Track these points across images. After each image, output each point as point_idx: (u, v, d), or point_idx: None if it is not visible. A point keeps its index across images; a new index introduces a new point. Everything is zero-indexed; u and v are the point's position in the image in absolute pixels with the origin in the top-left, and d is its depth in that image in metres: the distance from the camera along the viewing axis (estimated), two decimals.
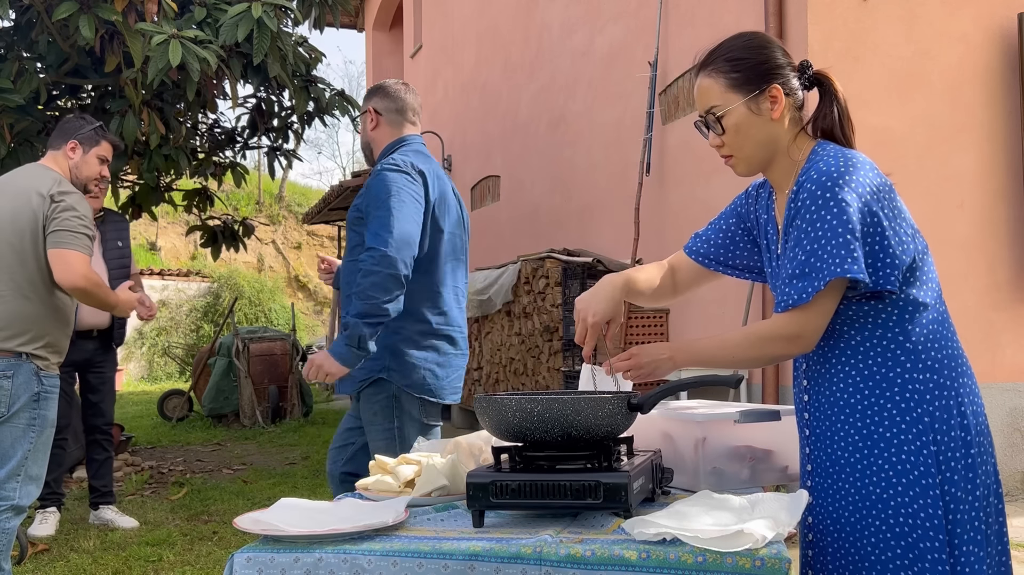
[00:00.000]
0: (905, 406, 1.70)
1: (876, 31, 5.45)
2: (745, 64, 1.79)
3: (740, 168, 1.85)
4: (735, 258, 2.02)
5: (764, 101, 1.77)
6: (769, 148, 1.81)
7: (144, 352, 18.89)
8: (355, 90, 34.81)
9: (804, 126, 1.83)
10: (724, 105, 1.79)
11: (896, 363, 1.71)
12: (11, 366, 3.31)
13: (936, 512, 1.65)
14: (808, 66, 1.83)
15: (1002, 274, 5.59)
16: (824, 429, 1.79)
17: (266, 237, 24.96)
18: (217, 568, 4.32)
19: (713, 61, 1.82)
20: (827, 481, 1.77)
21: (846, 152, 1.73)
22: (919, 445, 1.68)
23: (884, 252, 1.68)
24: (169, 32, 4.97)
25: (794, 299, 1.68)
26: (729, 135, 1.81)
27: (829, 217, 1.65)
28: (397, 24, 16.36)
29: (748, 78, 1.78)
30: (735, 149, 1.82)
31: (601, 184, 8.01)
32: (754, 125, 1.78)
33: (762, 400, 5.68)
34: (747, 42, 1.82)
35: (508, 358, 8.03)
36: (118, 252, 5.00)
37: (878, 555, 1.69)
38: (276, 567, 1.55)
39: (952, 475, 1.68)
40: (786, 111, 1.79)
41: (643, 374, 1.83)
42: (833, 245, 1.64)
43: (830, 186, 1.66)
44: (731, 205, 2.03)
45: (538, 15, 9.47)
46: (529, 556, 1.49)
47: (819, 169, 1.70)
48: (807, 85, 1.83)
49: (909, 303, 1.72)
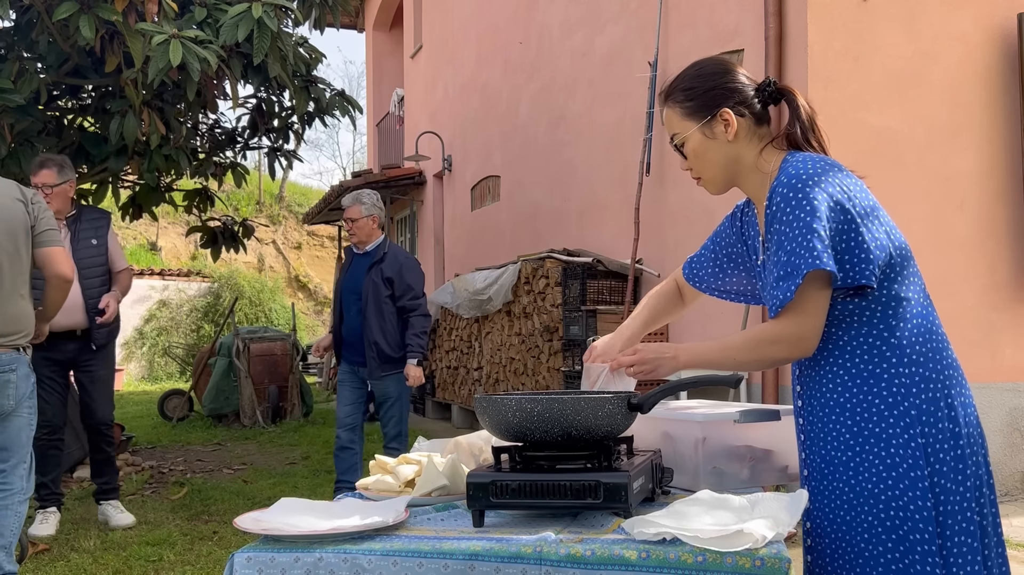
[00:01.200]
0: (892, 400, 1.72)
1: (876, 31, 5.45)
2: (695, 92, 1.87)
3: (709, 188, 1.94)
4: (725, 284, 2.11)
5: (717, 125, 1.85)
6: (731, 168, 1.89)
7: (144, 352, 18.90)
8: (355, 90, 34.83)
9: (772, 140, 1.88)
10: (682, 133, 1.89)
11: (882, 359, 1.74)
12: (14, 360, 3.49)
13: (926, 504, 1.67)
14: (769, 83, 1.89)
15: (1002, 274, 5.59)
16: (817, 430, 1.81)
17: (266, 237, 24.97)
18: (217, 568, 4.32)
19: (672, 92, 1.92)
20: (822, 482, 1.79)
21: (815, 157, 1.79)
22: (907, 438, 1.70)
23: (859, 247, 1.71)
24: (169, 32, 4.97)
25: (780, 299, 1.71)
26: (691, 160, 1.91)
27: (801, 214, 1.70)
28: (397, 24, 16.36)
29: (700, 105, 1.86)
30: (699, 172, 1.92)
31: (601, 184, 8.01)
32: (711, 148, 1.87)
33: (762, 400, 5.68)
34: (699, 71, 1.90)
35: (508, 358, 8.03)
36: (92, 251, 4.95)
37: (871, 550, 1.71)
38: (276, 567, 1.55)
39: (941, 467, 1.70)
40: (742, 131, 1.85)
41: (646, 371, 1.86)
42: (807, 239, 1.68)
43: (799, 187, 1.72)
44: (716, 230, 2.11)
45: (538, 15, 9.47)
46: (529, 556, 1.49)
47: (788, 173, 1.76)
48: (769, 101, 1.88)
49: (892, 299, 1.75)
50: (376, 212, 5.32)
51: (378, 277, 5.25)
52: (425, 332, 5.30)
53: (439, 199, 13.27)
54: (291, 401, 10.19)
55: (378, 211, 5.34)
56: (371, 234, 5.35)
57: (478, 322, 8.81)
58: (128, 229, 20.72)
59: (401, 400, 5.33)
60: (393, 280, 5.25)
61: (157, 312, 19.16)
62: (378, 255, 5.31)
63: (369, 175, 13.42)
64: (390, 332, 5.26)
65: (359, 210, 5.29)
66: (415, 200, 13.92)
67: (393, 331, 5.27)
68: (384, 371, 5.25)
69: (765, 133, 1.89)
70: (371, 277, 5.26)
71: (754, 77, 1.92)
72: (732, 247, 2.05)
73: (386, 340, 5.24)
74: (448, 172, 12.58)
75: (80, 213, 5.03)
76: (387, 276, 5.25)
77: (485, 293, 8.25)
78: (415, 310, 5.28)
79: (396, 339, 5.28)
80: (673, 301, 2.23)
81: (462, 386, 9.28)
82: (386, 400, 5.34)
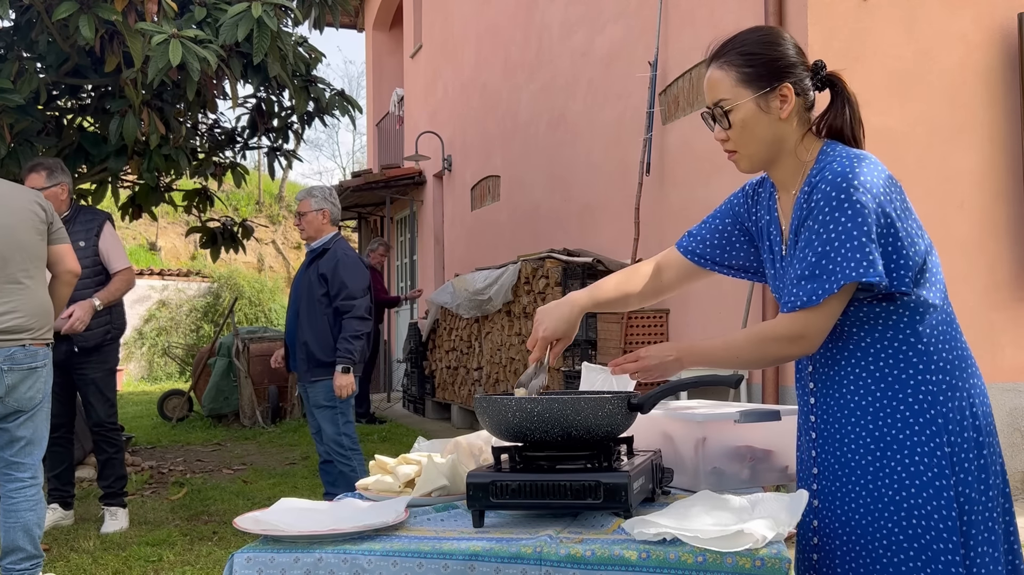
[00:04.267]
0: (919, 407, 1.68)
1: (876, 31, 5.45)
2: (758, 60, 1.74)
3: (743, 165, 1.82)
4: (731, 258, 1.98)
5: (774, 99, 1.74)
6: (774, 147, 1.78)
7: (144, 352, 18.90)
8: (355, 90, 34.78)
9: (811, 126, 1.80)
10: (733, 100, 1.75)
11: (908, 364, 1.69)
12: (46, 355, 3.71)
13: (951, 514, 1.64)
14: (822, 66, 1.79)
15: (1002, 274, 5.59)
16: (833, 432, 1.76)
17: (266, 237, 24.96)
18: (217, 568, 4.32)
19: (726, 53, 1.78)
20: (835, 484, 1.75)
21: (858, 153, 1.72)
22: (933, 446, 1.66)
23: (898, 254, 1.67)
24: (169, 32, 4.97)
25: (803, 300, 1.66)
26: (735, 131, 1.77)
27: (844, 219, 1.63)
28: (397, 24, 16.36)
29: (760, 74, 1.74)
30: (740, 145, 1.79)
31: (601, 184, 8.01)
32: (761, 123, 1.75)
33: (762, 400, 5.68)
34: (762, 37, 1.78)
35: (508, 358, 8.03)
36: (79, 253, 4.91)
37: (890, 558, 1.67)
38: (276, 567, 1.55)
39: (966, 476, 1.67)
40: (795, 111, 1.76)
41: (650, 376, 1.82)
42: (848, 248, 1.62)
43: (845, 187, 1.64)
44: (726, 203, 1.99)
45: (538, 15, 9.47)
46: (529, 556, 1.49)
47: (833, 170, 1.67)
48: (819, 86, 1.80)
49: (919, 304, 1.70)
50: (327, 207, 4.96)
51: (314, 274, 4.87)
52: (358, 336, 4.77)
53: (439, 199, 13.27)
54: (291, 401, 10.18)
55: (330, 206, 4.98)
56: (320, 229, 4.95)
57: (478, 322, 8.81)
58: (128, 229, 20.71)
59: (334, 410, 4.80)
60: (327, 277, 4.82)
61: (157, 312, 19.16)
62: (318, 251, 4.94)
63: (369, 175, 13.42)
64: (321, 333, 4.80)
65: (308, 203, 4.95)
66: (415, 200, 13.92)
67: (326, 333, 4.81)
68: (314, 376, 4.80)
69: (809, 118, 1.79)
70: (308, 274, 4.91)
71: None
72: (745, 222, 1.95)
73: (316, 341, 4.80)
74: (448, 172, 12.58)
75: (75, 214, 5.02)
76: (322, 272, 4.84)
77: (485, 293, 8.25)
78: (348, 311, 4.77)
79: (329, 341, 4.80)
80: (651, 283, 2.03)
81: (462, 386, 9.28)
82: (316, 408, 4.84)
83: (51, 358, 3.76)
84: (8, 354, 3.54)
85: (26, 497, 3.61)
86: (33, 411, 3.65)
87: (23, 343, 3.58)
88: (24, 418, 3.62)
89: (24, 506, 3.59)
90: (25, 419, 3.63)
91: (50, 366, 3.74)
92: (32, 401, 3.63)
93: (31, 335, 3.62)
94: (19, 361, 3.56)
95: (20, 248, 3.62)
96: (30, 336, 3.61)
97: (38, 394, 3.65)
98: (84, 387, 5.08)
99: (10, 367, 3.54)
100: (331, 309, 4.83)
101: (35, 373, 3.62)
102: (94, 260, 4.98)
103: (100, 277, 5.01)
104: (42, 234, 3.73)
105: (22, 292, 3.61)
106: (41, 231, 3.73)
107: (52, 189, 4.70)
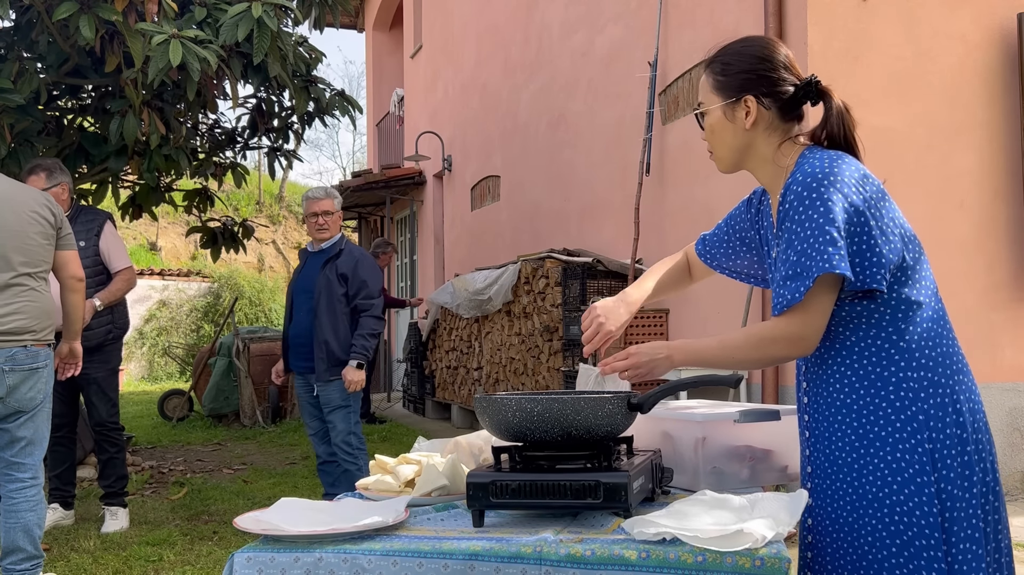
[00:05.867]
0: (900, 405, 1.70)
1: (876, 31, 5.45)
2: (731, 70, 1.82)
3: (719, 165, 1.92)
4: (735, 265, 2.08)
5: (739, 110, 1.81)
6: (742, 153, 1.86)
7: (144, 352, 18.89)
8: (355, 90, 34.79)
9: (794, 136, 1.83)
10: (706, 104, 1.86)
11: (891, 362, 1.72)
12: (48, 355, 3.73)
13: (931, 510, 1.66)
14: (812, 82, 1.81)
15: (1002, 274, 5.59)
16: (823, 430, 1.79)
17: (266, 237, 24.96)
18: (217, 568, 4.32)
19: (713, 59, 1.87)
20: (826, 482, 1.77)
21: (832, 154, 1.75)
22: (913, 443, 1.68)
23: (871, 251, 1.69)
24: (169, 32, 4.97)
25: (788, 299, 1.69)
26: (707, 133, 1.88)
27: (815, 215, 1.67)
28: (397, 24, 16.36)
29: (730, 84, 1.82)
30: (713, 147, 1.89)
31: (601, 184, 8.01)
32: (727, 130, 1.84)
33: (762, 400, 5.68)
34: (743, 48, 1.84)
35: (508, 358, 8.03)
36: (81, 252, 4.90)
37: (875, 554, 1.69)
38: (276, 567, 1.55)
39: (948, 473, 1.68)
40: (762, 122, 1.81)
41: (640, 374, 1.82)
42: (820, 242, 1.65)
43: (815, 186, 1.68)
44: (732, 212, 2.06)
45: (538, 15, 9.47)
46: (529, 556, 1.49)
47: (804, 171, 1.72)
48: (807, 99, 1.81)
49: (902, 303, 1.72)
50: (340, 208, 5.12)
51: (332, 274, 4.94)
52: (374, 335, 4.93)
53: (439, 199, 13.27)
54: (291, 401, 10.18)
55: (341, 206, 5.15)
56: (337, 229, 5.11)
57: (478, 322, 8.81)
58: (128, 229, 20.71)
59: (348, 409, 4.94)
60: (348, 277, 4.93)
61: (157, 312, 19.16)
62: (334, 251, 5.02)
63: (369, 175, 13.42)
64: (342, 332, 4.91)
65: (333, 203, 5.04)
66: (415, 200, 13.93)
67: (345, 332, 4.92)
68: (332, 375, 4.89)
69: (790, 128, 1.83)
70: (325, 274, 4.95)
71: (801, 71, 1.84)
72: (746, 232, 2.01)
73: (337, 340, 4.89)
74: (448, 172, 12.58)
75: (76, 214, 5.02)
76: (342, 272, 4.94)
77: (485, 293, 8.25)
78: (367, 310, 4.93)
79: (348, 340, 4.92)
80: (681, 274, 2.17)
81: (462, 386, 9.28)
82: (330, 408, 4.93)
83: (52, 359, 3.78)
84: (9, 355, 3.55)
85: (26, 497, 3.62)
86: (34, 412, 3.66)
87: (25, 344, 3.60)
88: (25, 418, 3.64)
89: (24, 506, 3.60)
90: (26, 419, 3.64)
91: (51, 367, 3.75)
92: (33, 402, 3.65)
93: (33, 336, 3.64)
94: (20, 362, 3.58)
95: (24, 250, 3.64)
96: (32, 338, 3.63)
97: (39, 395, 3.67)
98: (86, 387, 5.09)
99: (11, 368, 3.55)
100: (348, 308, 4.96)
101: (36, 374, 3.64)
102: (94, 260, 4.98)
103: (101, 277, 5.01)
104: (49, 238, 3.74)
105: (26, 294, 3.63)
106: (48, 235, 3.74)
107: (53, 190, 4.70)
